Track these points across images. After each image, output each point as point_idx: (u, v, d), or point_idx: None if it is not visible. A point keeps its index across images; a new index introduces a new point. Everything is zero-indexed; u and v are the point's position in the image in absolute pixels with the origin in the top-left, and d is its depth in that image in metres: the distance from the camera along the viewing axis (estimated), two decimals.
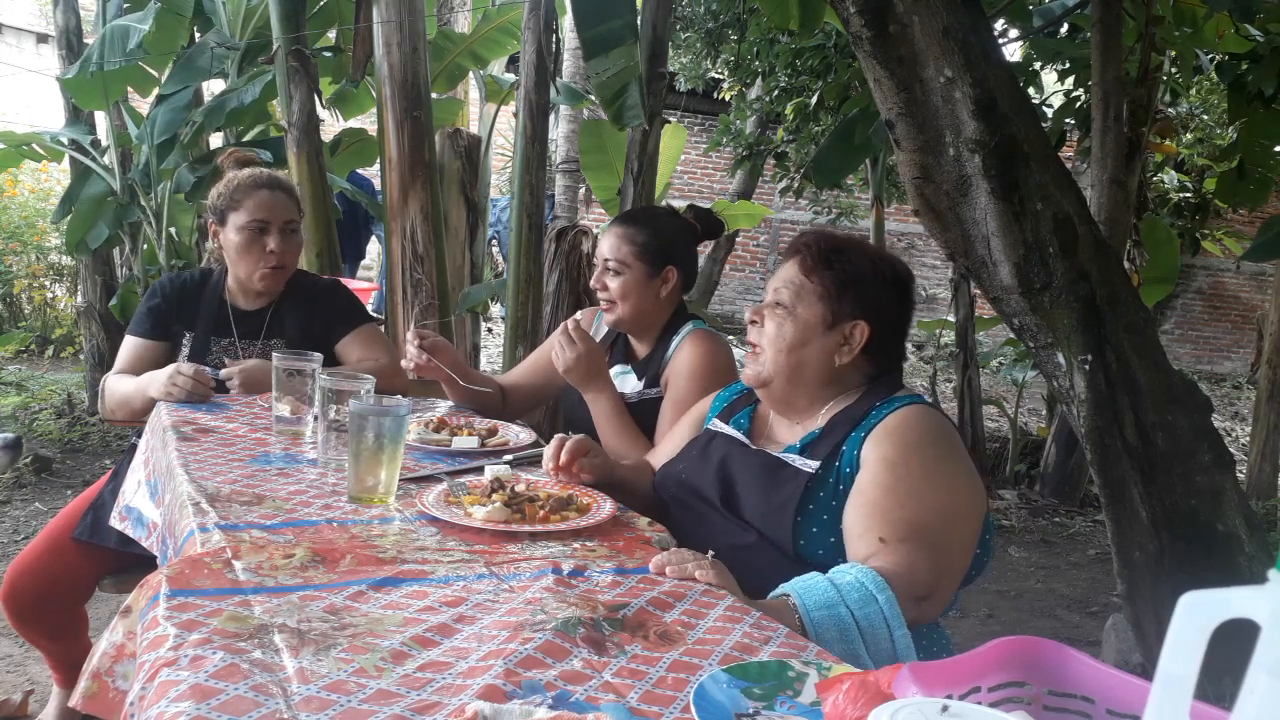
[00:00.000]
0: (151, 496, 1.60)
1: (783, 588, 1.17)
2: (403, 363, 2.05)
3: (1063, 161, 2.24)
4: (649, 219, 2.02)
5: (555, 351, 1.95)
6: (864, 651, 1.11)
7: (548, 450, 1.54)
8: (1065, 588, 4.01)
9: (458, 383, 2.02)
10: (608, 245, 1.98)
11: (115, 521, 1.72)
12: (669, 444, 1.68)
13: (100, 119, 4.78)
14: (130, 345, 2.15)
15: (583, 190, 6.06)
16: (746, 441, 1.50)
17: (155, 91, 4.34)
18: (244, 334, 2.17)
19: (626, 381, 2.03)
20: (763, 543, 1.37)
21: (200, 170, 4.20)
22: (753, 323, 1.47)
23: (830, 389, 1.45)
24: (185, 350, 2.14)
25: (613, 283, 1.96)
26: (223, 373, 2.03)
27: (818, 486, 1.35)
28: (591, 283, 2.02)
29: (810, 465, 1.37)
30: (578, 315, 2.20)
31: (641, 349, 2.04)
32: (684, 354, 1.93)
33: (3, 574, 2.07)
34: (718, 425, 1.58)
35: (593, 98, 5.04)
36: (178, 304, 2.17)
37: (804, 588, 1.14)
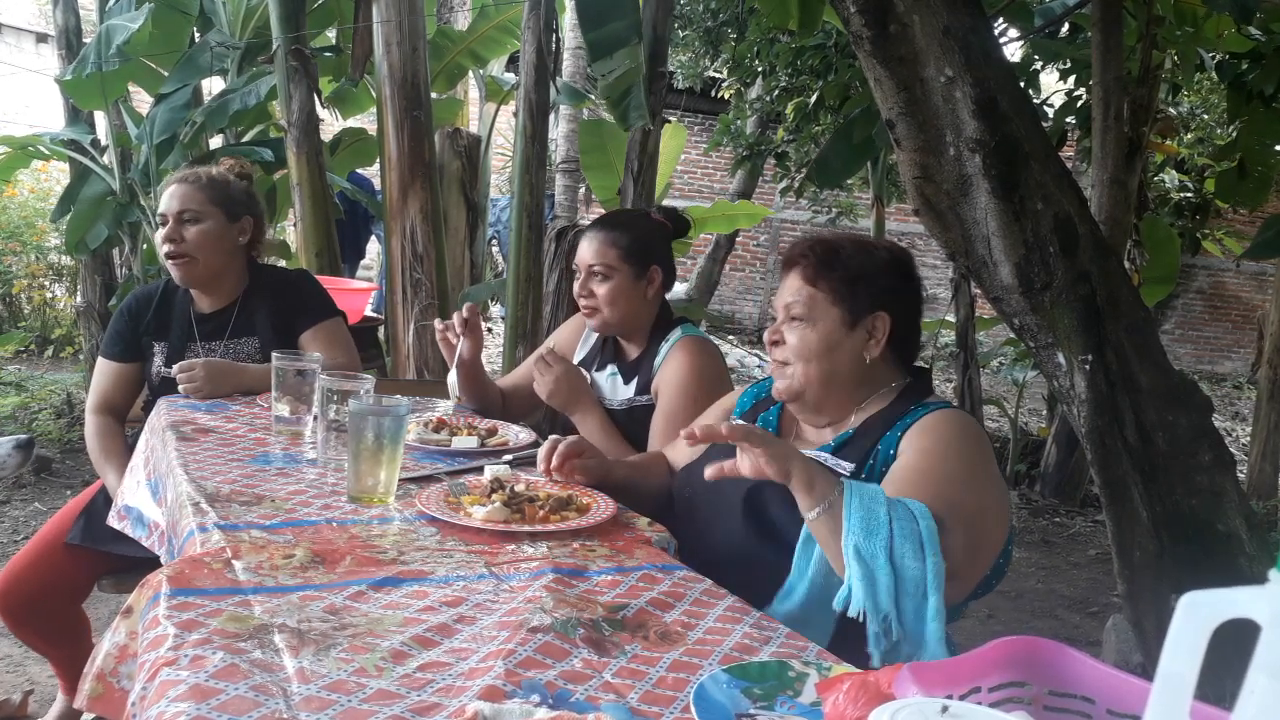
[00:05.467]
0: (154, 496, 1.60)
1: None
2: (443, 323, 2.05)
3: (1063, 161, 2.23)
4: (628, 221, 2.00)
5: (535, 380, 1.97)
6: (883, 562, 1.12)
7: (541, 452, 1.53)
8: (1066, 588, 4.01)
9: (464, 369, 2.02)
10: (591, 251, 1.94)
11: (114, 521, 1.71)
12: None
13: (100, 119, 4.78)
14: (102, 367, 2.14)
15: (583, 190, 6.06)
16: None
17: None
18: (206, 335, 2.13)
19: (616, 384, 2.02)
20: (780, 548, 1.35)
21: None
22: (774, 343, 1.45)
23: (863, 389, 1.44)
24: (159, 360, 2.10)
25: (600, 288, 1.93)
26: (174, 370, 1.98)
27: None
28: (576, 290, 1.98)
29: (845, 466, 1.36)
30: (549, 342, 2.19)
31: (631, 350, 2.03)
32: (672, 365, 1.91)
33: None
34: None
35: (593, 97, 5.03)
36: (143, 319, 2.13)
37: (858, 484, 1.18)
